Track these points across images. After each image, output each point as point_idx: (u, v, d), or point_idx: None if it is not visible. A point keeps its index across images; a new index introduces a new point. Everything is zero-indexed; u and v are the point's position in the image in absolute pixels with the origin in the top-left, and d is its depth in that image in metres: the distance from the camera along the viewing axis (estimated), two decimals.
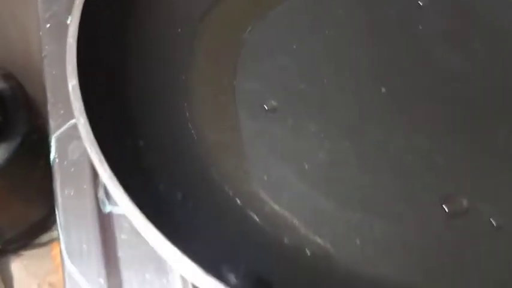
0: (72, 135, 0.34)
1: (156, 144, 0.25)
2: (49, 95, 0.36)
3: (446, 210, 0.24)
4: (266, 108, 0.28)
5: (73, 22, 0.24)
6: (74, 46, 0.23)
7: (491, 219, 0.24)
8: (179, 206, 0.23)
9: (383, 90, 0.28)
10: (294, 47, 0.30)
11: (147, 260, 0.29)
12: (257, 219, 0.24)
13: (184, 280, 0.28)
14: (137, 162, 0.23)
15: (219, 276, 0.18)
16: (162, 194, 0.23)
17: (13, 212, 0.54)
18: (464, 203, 0.25)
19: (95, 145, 0.20)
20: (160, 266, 0.29)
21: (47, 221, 0.59)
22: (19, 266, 0.60)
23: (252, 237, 0.23)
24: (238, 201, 0.25)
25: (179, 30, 0.31)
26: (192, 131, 0.27)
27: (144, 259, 0.29)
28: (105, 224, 0.30)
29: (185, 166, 0.25)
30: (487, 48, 0.30)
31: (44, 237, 0.61)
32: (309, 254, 0.23)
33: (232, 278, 0.19)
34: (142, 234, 0.20)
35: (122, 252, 0.29)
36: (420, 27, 0.30)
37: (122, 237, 0.30)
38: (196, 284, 0.19)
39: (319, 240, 0.24)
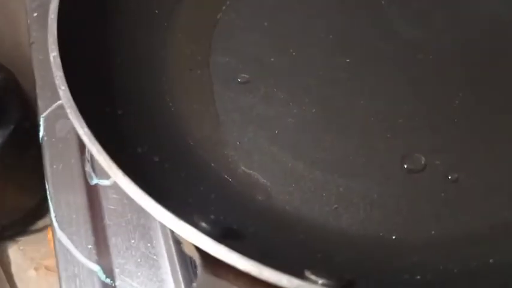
0: (59, 114, 0.36)
1: (134, 114, 0.27)
2: (37, 78, 0.38)
3: (406, 167, 0.26)
4: (239, 80, 0.30)
5: (54, 1, 0.26)
6: (55, 21, 0.24)
7: (447, 174, 0.26)
8: (156, 167, 0.25)
9: (347, 60, 0.30)
10: (266, 24, 0.32)
11: (132, 227, 0.31)
12: (230, 180, 0.26)
13: (167, 244, 0.30)
14: (115, 128, 0.25)
15: (190, 221, 0.20)
16: (140, 156, 0.25)
17: (8, 198, 0.56)
18: (422, 160, 0.26)
19: (74, 109, 0.22)
20: (144, 232, 0.31)
21: (41, 207, 0.61)
22: (16, 251, 0.61)
23: (224, 194, 0.25)
24: (213, 164, 0.27)
25: (156, 11, 0.33)
26: (170, 103, 0.29)
27: (130, 226, 0.31)
28: (92, 195, 0.32)
29: (162, 133, 0.27)
30: (446, 19, 0.31)
31: (40, 223, 0.63)
32: (278, 209, 0.25)
33: (202, 224, 0.21)
34: (123, 188, 0.21)
35: (109, 221, 0.31)
36: (383, 2, 0.32)
37: (108, 206, 0.32)
38: (171, 228, 0.20)
39: (288, 197, 0.26)
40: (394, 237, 0.24)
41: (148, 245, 0.29)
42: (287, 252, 0.22)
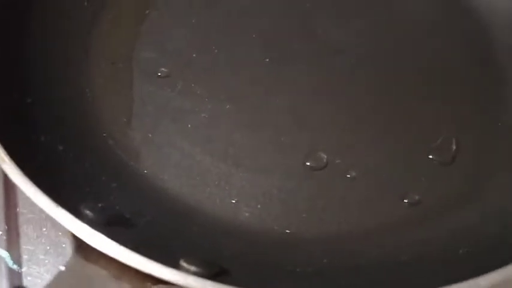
0: None
1: (45, 103, 0.27)
2: None
3: (308, 164, 0.27)
4: (159, 74, 0.30)
5: None
6: None
7: (346, 173, 0.27)
8: (59, 156, 0.25)
9: (266, 59, 0.31)
10: (193, 21, 0.33)
11: (45, 215, 0.30)
12: (136, 171, 0.26)
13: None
14: (21, 115, 0.25)
15: (66, 207, 0.20)
16: (42, 144, 0.25)
17: None
18: (324, 158, 0.27)
19: None
20: (57, 221, 0.31)
21: None
22: None
23: (127, 184, 0.25)
24: (121, 155, 0.27)
25: (85, 3, 0.33)
26: (88, 94, 0.29)
27: (43, 215, 0.31)
28: (8, 183, 0.32)
29: (73, 123, 0.27)
30: (369, 22, 0.32)
31: None
32: (179, 201, 0.26)
33: (85, 211, 0.21)
34: (5, 171, 0.21)
35: (23, 209, 0.31)
36: (308, 5, 0.33)
37: (23, 195, 0.32)
38: (54, 218, 0.21)
39: (191, 190, 0.26)
40: (287, 231, 0.25)
41: (59, 233, 0.30)
42: (173, 242, 0.22)
